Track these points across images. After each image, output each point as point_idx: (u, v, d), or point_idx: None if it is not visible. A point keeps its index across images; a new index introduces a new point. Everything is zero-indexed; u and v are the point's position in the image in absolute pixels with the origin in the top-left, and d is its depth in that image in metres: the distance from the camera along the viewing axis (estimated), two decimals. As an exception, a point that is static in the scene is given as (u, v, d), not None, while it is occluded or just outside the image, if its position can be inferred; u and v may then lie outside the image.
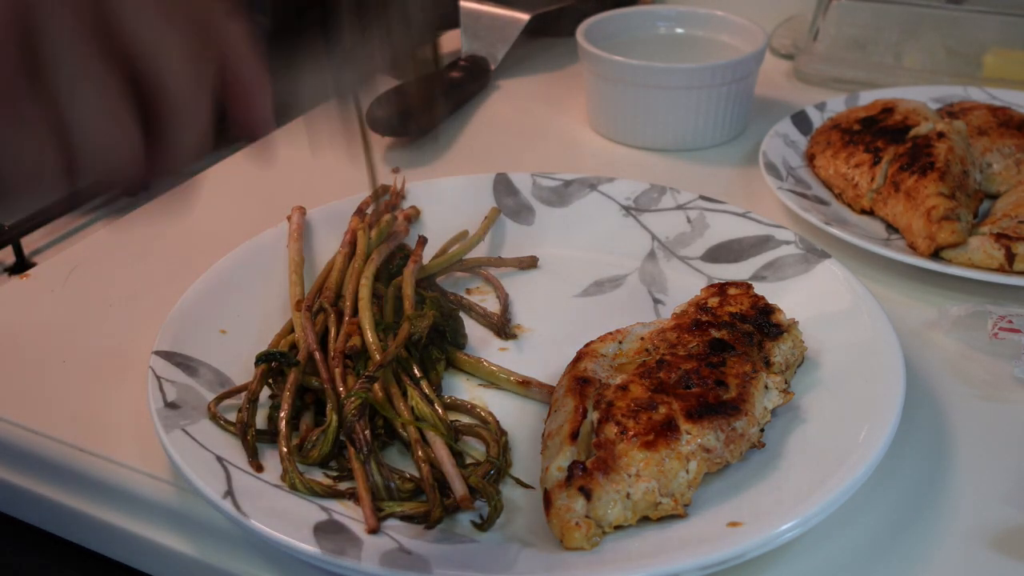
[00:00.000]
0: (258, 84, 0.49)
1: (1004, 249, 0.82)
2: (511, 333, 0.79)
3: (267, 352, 0.69)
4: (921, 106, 1.00)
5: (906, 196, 0.88)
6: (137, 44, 0.44)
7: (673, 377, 0.64)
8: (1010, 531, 0.61)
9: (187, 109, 0.46)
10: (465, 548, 0.58)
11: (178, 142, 0.46)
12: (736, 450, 0.62)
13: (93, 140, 0.43)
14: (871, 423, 0.63)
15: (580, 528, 0.57)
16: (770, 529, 0.56)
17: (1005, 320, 0.76)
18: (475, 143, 1.12)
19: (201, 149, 0.48)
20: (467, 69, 1.22)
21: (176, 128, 0.46)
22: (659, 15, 1.20)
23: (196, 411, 0.66)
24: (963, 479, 0.65)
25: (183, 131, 0.46)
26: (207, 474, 0.60)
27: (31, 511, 0.70)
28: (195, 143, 0.47)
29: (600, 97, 1.10)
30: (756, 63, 1.08)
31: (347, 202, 0.88)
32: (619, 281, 0.85)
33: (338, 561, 0.54)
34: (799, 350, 0.71)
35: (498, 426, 0.67)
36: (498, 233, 0.90)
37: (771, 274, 0.81)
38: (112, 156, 0.44)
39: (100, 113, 0.43)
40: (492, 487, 0.61)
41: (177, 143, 0.46)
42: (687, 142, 1.08)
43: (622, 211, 0.90)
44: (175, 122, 0.46)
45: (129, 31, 0.43)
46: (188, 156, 0.47)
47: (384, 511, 0.60)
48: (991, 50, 1.17)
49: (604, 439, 0.60)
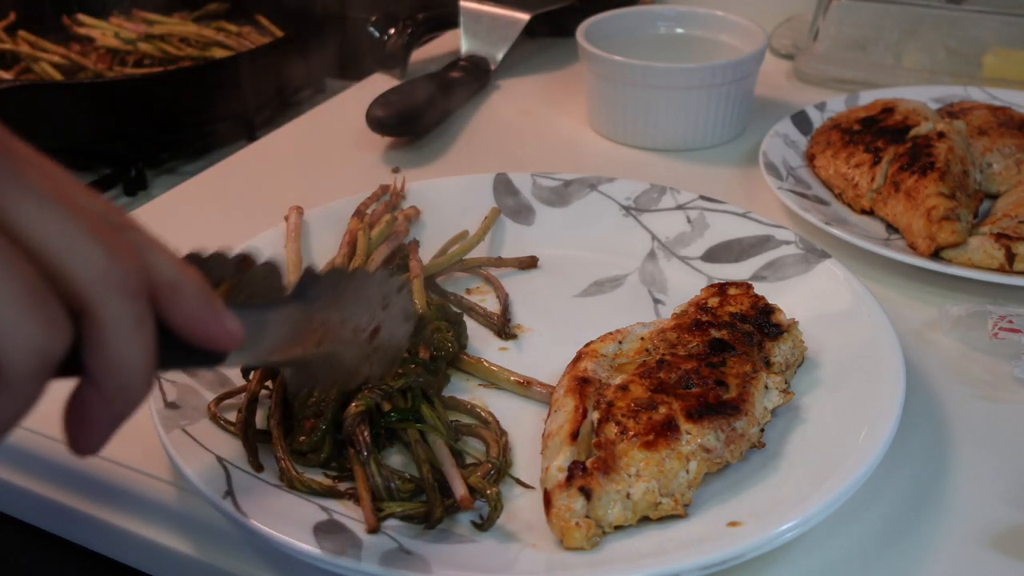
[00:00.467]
0: (204, 294, 0.44)
1: (1004, 249, 0.82)
2: (511, 333, 0.79)
3: None
4: (921, 106, 1.00)
5: (906, 196, 0.88)
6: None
7: (673, 377, 0.64)
8: (1010, 531, 0.61)
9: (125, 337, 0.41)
10: (465, 548, 0.58)
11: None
12: (736, 450, 0.62)
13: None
14: (871, 423, 0.63)
15: (580, 528, 0.57)
16: (770, 529, 0.56)
17: (1005, 320, 0.76)
18: (475, 143, 1.12)
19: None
20: (467, 69, 1.22)
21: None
22: (659, 15, 1.20)
23: (196, 411, 0.66)
24: (963, 479, 0.65)
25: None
26: (207, 474, 0.60)
27: (31, 511, 0.70)
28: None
29: (600, 97, 1.10)
30: (756, 63, 1.08)
31: (346, 202, 0.88)
32: (619, 281, 0.85)
33: (338, 561, 0.54)
34: (799, 350, 0.71)
35: (498, 426, 0.67)
36: (498, 233, 0.90)
37: (771, 274, 0.81)
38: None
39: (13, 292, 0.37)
40: (492, 487, 0.61)
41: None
42: (687, 142, 1.08)
43: (622, 211, 0.90)
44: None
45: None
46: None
47: (384, 511, 0.60)
48: (991, 50, 1.17)
49: (604, 439, 0.60)
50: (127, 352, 0.41)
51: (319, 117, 1.20)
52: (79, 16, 1.35)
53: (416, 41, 1.29)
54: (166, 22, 1.35)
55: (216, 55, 1.30)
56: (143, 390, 0.42)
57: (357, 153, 1.09)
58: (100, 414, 0.42)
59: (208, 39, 1.32)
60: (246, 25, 1.39)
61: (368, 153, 1.09)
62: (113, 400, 0.42)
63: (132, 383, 0.42)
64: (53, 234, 0.39)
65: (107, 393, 0.41)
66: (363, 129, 1.08)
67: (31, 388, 0.39)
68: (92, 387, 0.41)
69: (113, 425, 0.43)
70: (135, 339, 0.41)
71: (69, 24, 1.35)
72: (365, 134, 1.08)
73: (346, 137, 1.12)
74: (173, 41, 1.31)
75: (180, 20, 1.38)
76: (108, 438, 0.43)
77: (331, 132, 1.15)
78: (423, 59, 1.32)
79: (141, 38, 1.30)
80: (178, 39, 1.32)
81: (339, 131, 1.14)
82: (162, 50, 1.29)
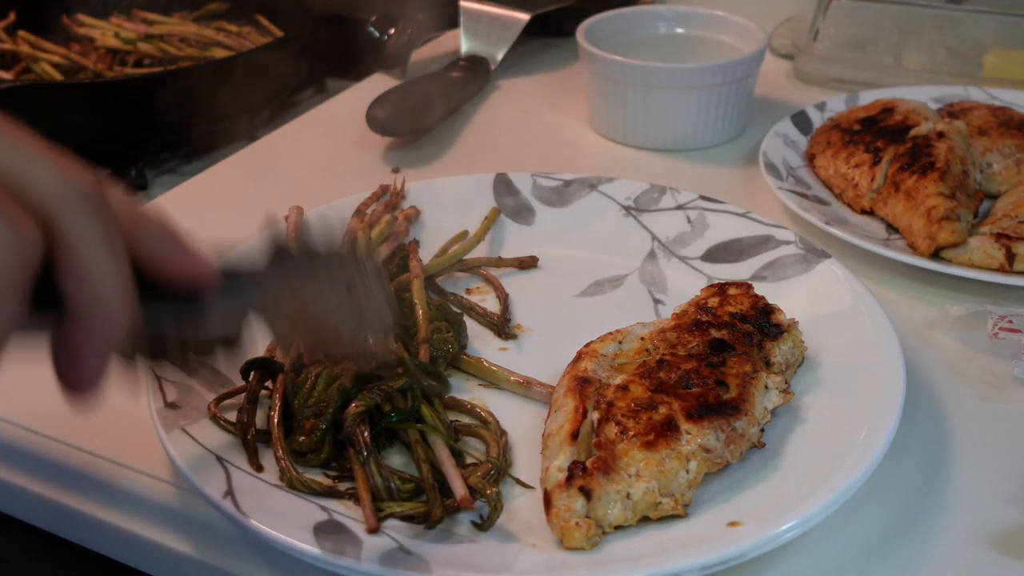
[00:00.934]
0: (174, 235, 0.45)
1: (1004, 249, 0.82)
2: (511, 333, 0.79)
3: (250, 361, 0.69)
4: (921, 106, 1.00)
5: (906, 196, 0.88)
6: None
7: (673, 377, 0.64)
8: (1010, 531, 0.61)
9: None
10: (465, 548, 0.58)
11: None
12: (736, 450, 0.62)
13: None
14: (871, 423, 0.63)
15: (580, 528, 0.57)
16: (770, 529, 0.56)
17: (1005, 320, 0.76)
18: (475, 143, 1.12)
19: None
20: (467, 69, 1.22)
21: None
22: (659, 15, 1.20)
23: (196, 411, 0.66)
24: (963, 479, 0.65)
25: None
26: (207, 474, 0.60)
27: (31, 511, 0.70)
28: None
29: (600, 97, 1.10)
30: (756, 63, 1.08)
31: (345, 202, 0.88)
32: (619, 281, 0.85)
33: (338, 561, 0.54)
34: (799, 350, 0.71)
35: (498, 426, 0.67)
36: (498, 233, 0.90)
37: (771, 274, 0.81)
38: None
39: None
40: (492, 487, 0.61)
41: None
42: (687, 142, 1.08)
43: (622, 211, 0.90)
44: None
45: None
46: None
47: (384, 511, 0.60)
48: (991, 50, 1.17)
49: (604, 439, 0.60)
50: (100, 268, 0.41)
51: (319, 117, 1.20)
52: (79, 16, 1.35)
53: (416, 41, 1.29)
54: (166, 22, 1.35)
55: (216, 55, 1.30)
56: (124, 314, 0.42)
57: (357, 153, 1.09)
58: (87, 349, 0.41)
59: (208, 39, 1.32)
60: (246, 25, 1.39)
61: (368, 153, 1.09)
62: (95, 329, 0.41)
63: (110, 306, 0.41)
64: (7, 154, 0.40)
65: (88, 321, 0.41)
66: (363, 129, 1.08)
67: (10, 301, 0.38)
68: (74, 322, 0.41)
69: (102, 359, 0.42)
70: (105, 254, 0.41)
71: (69, 24, 1.35)
72: (365, 134, 1.08)
73: (346, 137, 1.12)
74: (173, 41, 1.31)
75: (180, 20, 1.38)
76: (101, 374, 0.42)
77: (331, 132, 1.15)
78: (423, 59, 1.32)
79: (141, 38, 1.30)
80: (178, 39, 1.32)
81: (339, 131, 1.14)
82: (162, 50, 1.29)
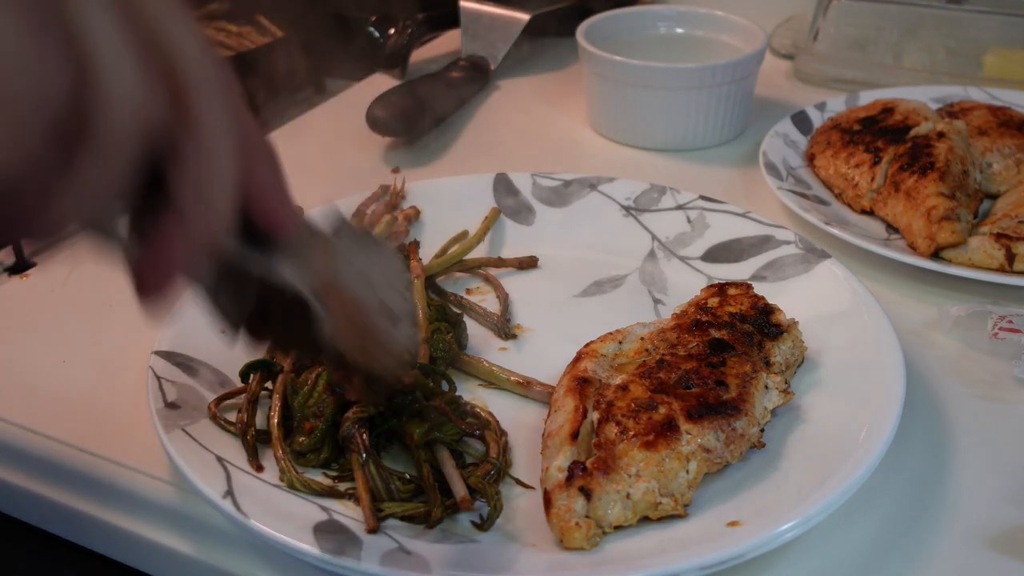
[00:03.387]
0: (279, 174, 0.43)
1: (1004, 249, 0.82)
2: (511, 333, 0.79)
3: (250, 363, 0.69)
4: (921, 106, 1.00)
5: (906, 196, 0.88)
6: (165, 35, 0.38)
7: (673, 377, 0.64)
8: (1010, 531, 0.61)
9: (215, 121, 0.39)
10: (465, 548, 0.58)
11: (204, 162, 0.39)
12: (736, 450, 0.62)
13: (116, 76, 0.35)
14: (871, 423, 0.63)
15: (580, 528, 0.57)
16: (770, 529, 0.56)
17: (1005, 320, 0.76)
18: (475, 143, 1.12)
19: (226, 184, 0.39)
20: (467, 69, 1.22)
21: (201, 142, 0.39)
22: (659, 15, 1.20)
23: (196, 411, 0.66)
24: (963, 479, 0.65)
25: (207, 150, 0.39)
26: (207, 474, 0.60)
27: (31, 511, 0.70)
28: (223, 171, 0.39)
29: (600, 97, 1.10)
30: (756, 63, 1.08)
31: (345, 202, 0.88)
32: (619, 281, 0.85)
33: (338, 561, 0.54)
34: (799, 350, 0.71)
35: (498, 426, 0.67)
36: (498, 233, 0.90)
37: (771, 274, 0.81)
38: (133, 107, 0.36)
39: (125, 54, 0.36)
40: (492, 487, 0.61)
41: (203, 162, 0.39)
42: (687, 142, 1.08)
43: (622, 211, 0.90)
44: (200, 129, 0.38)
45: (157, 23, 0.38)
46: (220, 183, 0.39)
47: (384, 511, 0.60)
48: (991, 50, 1.17)
49: (604, 439, 0.60)
50: (219, 163, 0.39)
51: (319, 117, 1.20)
52: (79, 16, 1.35)
53: (416, 41, 1.29)
54: (166, 22, 1.35)
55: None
56: (225, 218, 0.40)
57: (357, 153, 1.09)
58: (174, 243, 0.39)
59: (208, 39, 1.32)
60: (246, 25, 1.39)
61: (368, 153, 1.09)
62: (194, 227, 0.39)
63: (217, 207, 0.39)
64: (165, 14, 0.38)
65: (190, 217, 0.39)
66: (363, 129, 1.08)
67: (122, 155, 0.36)
68: (173, 216, 0.39)
69: (191, 262, 0.40)
70: (227, 154, 0.39)
71: (69, 24, 1.35)
72: (365, 134, 1.08)
73: (346, 137, 1.12)
74: (173, 41, 1.31)
75: (180, 20, 1.38)
76: (174, 278, 0.40)
77: (331, 132, 1.15)
78: (423, 59, 1.32)
79: (141, 38, 1.30)
80: (178, 39, 1.32)
81: (339, 131, 1.14)
82: (162, 50, 1.29)
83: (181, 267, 0.40)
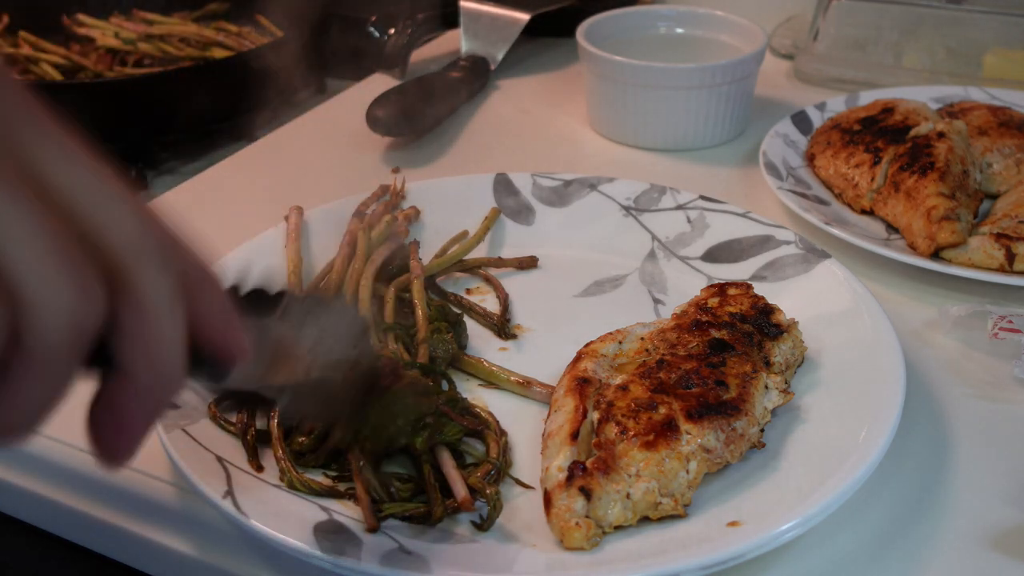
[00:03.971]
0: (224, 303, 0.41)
1: (1004, 249, 0.82)
2: (511, 333, 0.79)
3: None
4: (921, 106, 1.00)
5: (906, 196, 0.88)
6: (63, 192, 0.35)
7: (673, 377, 0.64)
8: (1010, 531, 0.61)
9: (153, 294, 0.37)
10: (465, 548, 0.58)
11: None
12: (736, 450, 0.62)
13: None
14: (871, 423, 0.63)
15: (580, 528, 0.57)
16: (770, 529, 0.56)
17: (1005, 320, 0.76)
18: (475, 143, 1.12)
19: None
20: (467, 69, 1.22)
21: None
22: (659, 15, 1.20)
23: (196, 411, 0.66)
24: (963, 479, 0.65)
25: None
26: (207, 474, 0.60)
27: (31, 511, 0.70)
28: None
29: (600, 97, 1.10)
30: (756, 63, 1.08)
31: (346, 202, 0.88)
32: (619, 281, 0.85)
33: (338, 561, 0.54)
34: (799, 350, 0.71)
35: (498, 426, 0.67)
36: (498, 233, 0.90)
37: (771, 274, 0.81)
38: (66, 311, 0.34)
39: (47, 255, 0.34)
40: (492, 487, 0.61)
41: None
42: (687, 142, 1.08)
43: (622, 211, 0.90)
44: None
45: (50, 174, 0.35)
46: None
47: (384, 511, 0.60)
48: (991, 50, 1.17)
49: (604, 439, 0.60)
50: (165, 331, 0.37)
51: (319, 117, 1.20)
52: (79, 16, 1.35)
53: (416, 41, 1.29)
54: (166, 22, 1.35)
55: (216, 55, 1.30)
56: (178, 381, 0.39)
57: (357, 153, 1.09)
58: (132, 413, 0.38)
59: (208, 39, 1.32)
60: (246, 25, 1.39)
61: (368, 153, 1.09)
62: (147, 392, 0.38)
63: (168, 371, 0.38)
64: (84, 191, 0.35)
65: (141, 384, 0.37)
66: (363, 129, 1.08)
67: (62, 369, 0.35)
68: (123, 382, 0.37)
69: (146, 424, 0.39)
70: (173, 317, 0.37)
71: (69, 24, 1.35)
72: (365, 134, 1.08)
73: (346, 137, 1.12)
74: (173, 41, 1.31)
75: (180, 20, 1.38)
76: (140, 442, 0.39)
77: (331, 132, 1.15)
78: (423, 59, 1.32)
79: (141, 38, 1.30)
80: (178, 39, 1.32)
81: (339, 131, 1.14)
82: (162, 50, 1.29)
83: (139, 428, 0.39)
